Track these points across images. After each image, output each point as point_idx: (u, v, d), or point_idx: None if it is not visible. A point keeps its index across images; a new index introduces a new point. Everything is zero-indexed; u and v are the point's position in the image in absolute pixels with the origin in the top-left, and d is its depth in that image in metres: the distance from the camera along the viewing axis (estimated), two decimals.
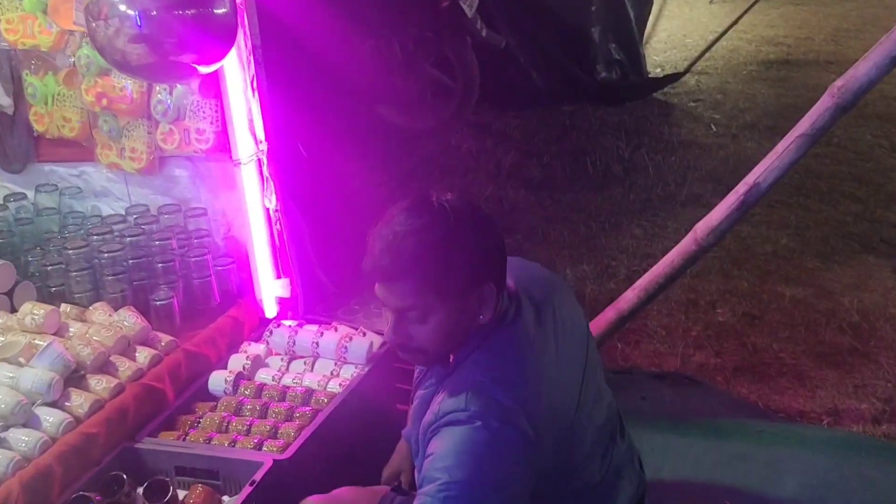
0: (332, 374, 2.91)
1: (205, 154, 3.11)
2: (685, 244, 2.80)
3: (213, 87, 2.98)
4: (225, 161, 3.06)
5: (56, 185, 3.39)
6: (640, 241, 4.57)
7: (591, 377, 2.07)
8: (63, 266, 2.98)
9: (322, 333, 2.97)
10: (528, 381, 1.88)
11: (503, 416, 1.80)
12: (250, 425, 2.64)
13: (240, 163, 3.01)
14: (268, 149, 3.02)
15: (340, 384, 2.83)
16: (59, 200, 3.36)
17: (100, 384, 2.61)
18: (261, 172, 3.04)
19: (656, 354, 3.58)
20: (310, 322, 3.16)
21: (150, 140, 3.15)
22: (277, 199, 3.07)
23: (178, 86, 3.02)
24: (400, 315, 1.86)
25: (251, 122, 2.99)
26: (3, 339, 2.68)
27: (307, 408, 2.72)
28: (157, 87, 3.06)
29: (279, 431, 2.61)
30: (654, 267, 2.89)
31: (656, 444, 3.00)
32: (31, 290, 3.00)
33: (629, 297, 2.96)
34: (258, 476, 2.41)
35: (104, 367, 2.67)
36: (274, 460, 2.47)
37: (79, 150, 3.30)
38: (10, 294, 2.95)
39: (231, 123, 2.97)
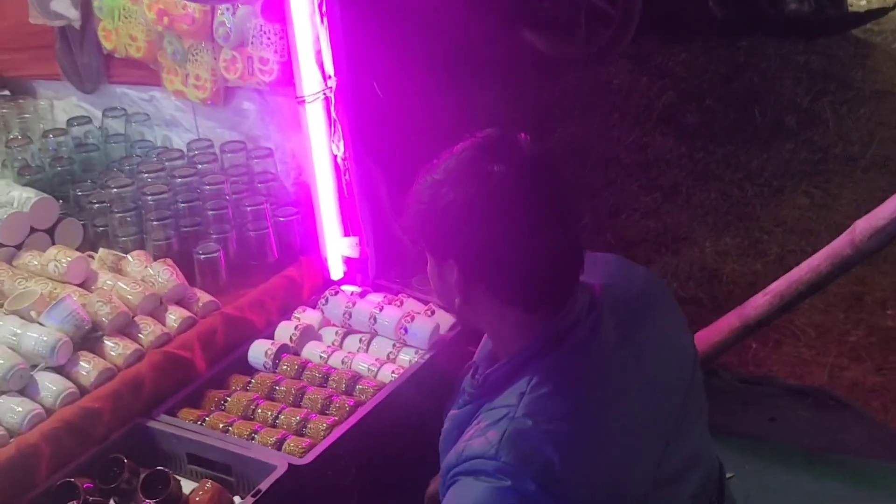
0: (388, 357, 2.48)
1: (269, 87, 2.70)
2: (839, 246, 2.15)
3: (278, 9, 2.53)
4: (292, 97, 2.64)
5: (125, 110, 3.09)
6: (804, 213, 3.83)
7: (685, 436, 1.55)
8: (108, 205, 2.68)
9: (382, 308, 2.53)
10: (589, 435, 1.42)
11: (544, 479, 1.37)
12: (278, 413, 2.27)
13: (304, 101, 2.57)
14: (336, 86, 2.56)
15: (394, 371, 2.40)
16: (127, 127, 3.05)
17: (115, 349, 2.29)
18: (328, 113, 2.60)
19: (799, 361, 2.93)
20: (377, 290, 2.74)
21: (214, 67, 2.76)
22: (346, 146, 2.62)
23: (241, 7, 2.59)
24: None
25: (318, 53, 2.53)
26: (26, 285, 2.41)
27: (349, 399, 2.31)
28: (221, 8, 2.65)
29: (308, 427, 2.22)
30: (796, 269, 2.25)
31: (780, 484, 2.43)
32: (75, 229, 2.72)
33: (759, 302, 2.34)
34: (265, 485, 2.03)
35: (126, 329, 2.36)
36: (290, 465, 2.09)
37: (148, 72, 2.97)
38: (51, 231, 2.68)
39: (295, 54, 2.53)
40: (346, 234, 2.75)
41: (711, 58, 5.44)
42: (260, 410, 2.29)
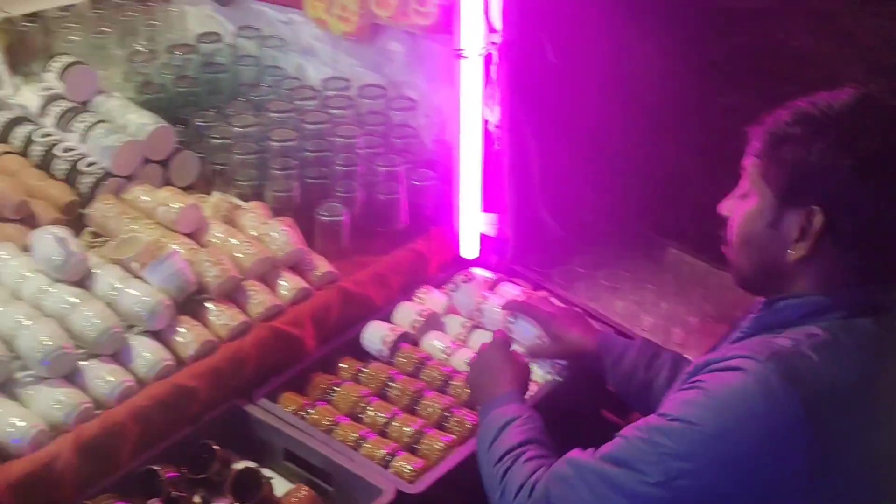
0: None
1: (423, 31, 2.34)
2: None
3: None
4: (447, 46, 2.28)
5: (260, 30, 2.78)
6: None
7: None
8: (230, 142, 2.40)
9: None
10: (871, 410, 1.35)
11: (812, 406, 1.30)
12: (390, 419, 2.00)
13: (462, 54, 2.21)
14: (502, 43, 2.19)
15: None
16: (260, 49, 2.75)
17: (220, 318, 2.05)
18: (487, 72, 2.23)
19: None
20: (513, 278, 2.41)
21: (363, 0, 2.42)
22: (502, 112, 2.26)
23: None
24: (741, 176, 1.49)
25: (487, 2, 2.16)
26: (132, 228, 2.17)
27: (471, 414, 2.01)
28: None
29: (422, 442, 1.94)
30: None
31: None
32: (191, 163, 2.45)
33: None
34: None
35: (234, 295, 2.10)
36: (397, 490, 1.82)
37: None
38: (166, 163, 2.42)
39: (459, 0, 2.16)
40: (486, 210, 2.42)
41: None
42: (370, 411, 2.02)
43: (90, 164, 2.33)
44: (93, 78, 2.48)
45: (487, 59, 2.22)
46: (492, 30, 2.19)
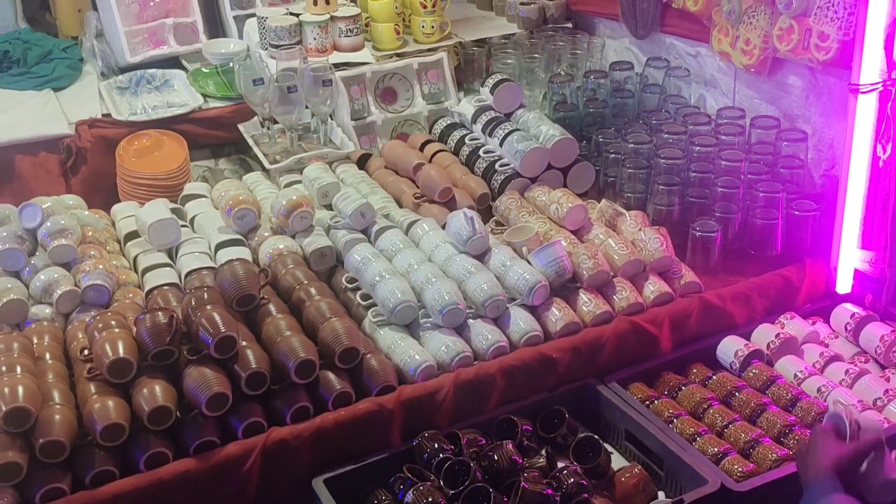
0: (874, 403, 2.14)
1: (821, 66, 2.40)
2: None
3: None
4: (845, 81, 2.32)
5: (668, 62, 3.01)
6: None
7: None
8: (622, 157, 2.66)
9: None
10: None
11: None
12: (728, 423, 2.10)
13: (858, 89, 2.24)
14: None
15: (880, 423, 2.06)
16: (665, 79, 2.99)
17: (588, 305, 2.30)
18: (883, 108, 2.23)
19: None
20: (887, 319, 2.36)
21: (767, 33, 2.54)
22: (894, 149, 2.24)
23: None
24: None
25: (890, 37, 2.17)
26: (527, 220, 2.52)
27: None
28: None
29: (756, 450, 2.02)
30: None
31: None
32: (588, 174, 2.76)
33: None
34: (690, 497, 1.90)
35: (602, 288, 2.35)
36: (722, 485, 1.92)
37: (700, 28, 2.85)
38: (566, 171, 2.75)
39: (861, 34, 2.20)
40: (864, 247, 2.40)
41: None
42: (711, 412, 2.14)
43: (503, 165, 2.74)
44: (517, 94, 2.90)
45: (884, 95, 2.22)
46: (892, 66, 2.19)
